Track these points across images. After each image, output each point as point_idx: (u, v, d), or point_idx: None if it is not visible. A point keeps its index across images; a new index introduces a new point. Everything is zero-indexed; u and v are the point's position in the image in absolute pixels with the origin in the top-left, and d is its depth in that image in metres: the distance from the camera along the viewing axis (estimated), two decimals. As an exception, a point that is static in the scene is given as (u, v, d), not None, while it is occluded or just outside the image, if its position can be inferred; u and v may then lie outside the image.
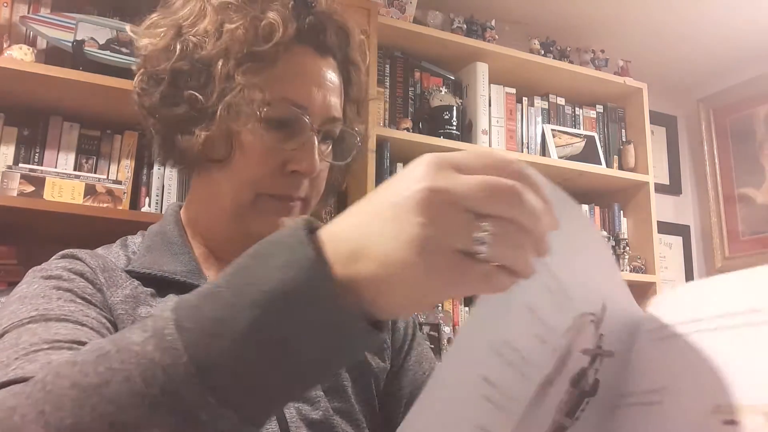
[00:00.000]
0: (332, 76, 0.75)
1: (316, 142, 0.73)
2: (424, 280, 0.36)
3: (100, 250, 0.75)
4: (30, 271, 0.68)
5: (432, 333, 2.16)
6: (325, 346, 0.38)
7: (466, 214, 0.36)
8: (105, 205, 1.75)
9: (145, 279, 0.71)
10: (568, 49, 2.67)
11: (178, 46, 0.70)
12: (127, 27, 0.82)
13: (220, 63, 0.69)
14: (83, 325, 0.60)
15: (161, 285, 0.71)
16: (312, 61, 0.74)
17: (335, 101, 0.75)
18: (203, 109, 0.70)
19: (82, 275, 0.67)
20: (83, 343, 0.57)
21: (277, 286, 0.37)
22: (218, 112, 0.69)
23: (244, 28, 0.69)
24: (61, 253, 0.71)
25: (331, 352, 0.39)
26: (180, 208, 0.82)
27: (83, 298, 0.64)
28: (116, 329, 0.65)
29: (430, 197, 0.36)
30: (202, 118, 0.70)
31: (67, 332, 0.57)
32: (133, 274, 0.71)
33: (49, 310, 0.59)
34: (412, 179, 0.37)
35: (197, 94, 0.70)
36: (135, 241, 0.79)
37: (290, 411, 0.68)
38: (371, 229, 0.37)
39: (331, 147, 0.78)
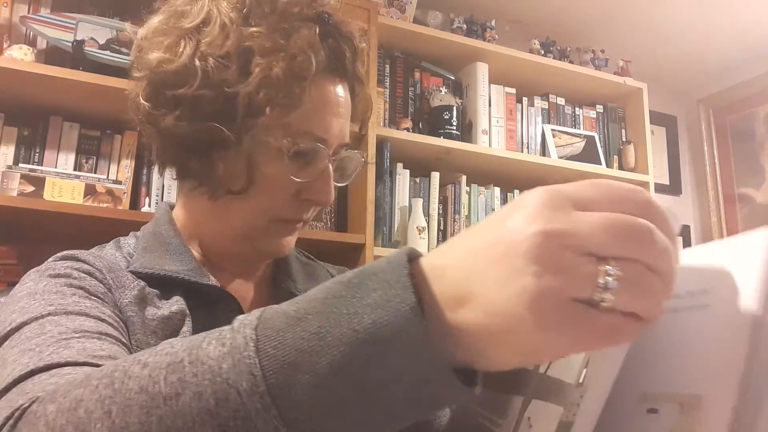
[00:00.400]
0: (347, 100, 0.75)
1: (332, 173, 0.73)
2: (536, 335, 0.32)
3: (94, 251, 0.74)
4: (32, 271, 0.67)
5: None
6: (411, 397, 0.35)
7: (588, 259, 0.32)
8: (105, 205, 1.76)
9: (150, 279, 0.70)
10: (568, 49, 2.67)
11: (199, 70, 0.66)
12: (127, 26, 0.79)
13: (249, 96, 0.66)
14: (102, 321, 0.59)
15: (165, 285, 0.70)
16: (333, 89, 0.73)
17: (347, 127, 0.75)
18: (225, 139, 0.67)
19: (90, 275, 0.66)
20: (110, 336, 0.56)
21: (368, 327, 0.34)
22: (243, 145, 0.68)
23: (280, 68, 0.66)
24: (60, 254, 0.70)
25: (417, 404, 0.36)
26: (171, 208, 0.81)
27: (96, 296, 0.64)
28: (128, 331, 0.64)
29: (545, 242, 0.31)
30: (221, 147, 0.68)
31: (91, 324, 0.56)
32: (137, 274, 0.70)
33: (65, 305, 0.58)
34: (524, 219, 0.33)
35: (221, 126, 0.67)
36: (129, 242, 0.77)
37: None
38: (478, 273, 0.34)
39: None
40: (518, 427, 0.45)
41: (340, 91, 0.73)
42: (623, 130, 2.74)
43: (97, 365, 0.48)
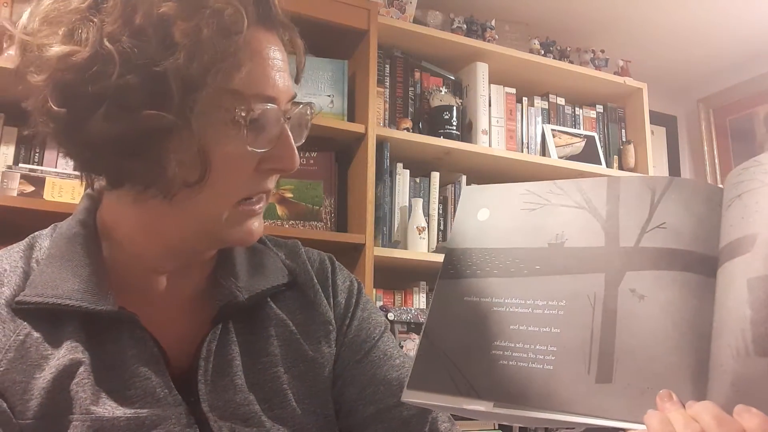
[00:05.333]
0: (282, 51, 0.67)
1: (290, 134, 0.66)
2: None
3: None
4: None
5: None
6: None
7: None
8: (105, 205, 1.76)
9: (38, 312, 0.62)
10: (568, 49, 2.67)
11: (115, 54, 0.56)
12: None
13: (181, 70, 0.57)
14: None
15: (55, 318, 0.63)
16: (266, 42, 0.64)
17: (290, 81, 0.67)
18: (168, 126, 0.58)
19: None
20: None
21: None
22: (191, 128, 0.59)
23: (209, 29, 0.58)
24: None
25: None
26: (94, 202, 0.72)
27: None
28: (3, 398, 0.59)
29: None
30: (166, 137, 0.59)
31: None
32: (22, 310, 0.62)
33: None
34: None
35: (159, 112, 0.57)
36: (43, 244, 0.70)
37: None
38: None
39: None
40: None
41: (274, 42, 0.65)
42: (623, 130, 2.74)
43: None
